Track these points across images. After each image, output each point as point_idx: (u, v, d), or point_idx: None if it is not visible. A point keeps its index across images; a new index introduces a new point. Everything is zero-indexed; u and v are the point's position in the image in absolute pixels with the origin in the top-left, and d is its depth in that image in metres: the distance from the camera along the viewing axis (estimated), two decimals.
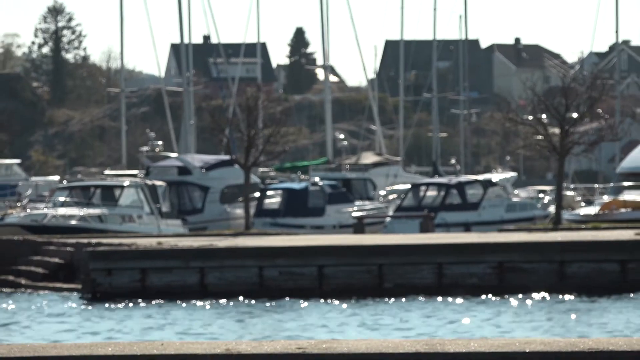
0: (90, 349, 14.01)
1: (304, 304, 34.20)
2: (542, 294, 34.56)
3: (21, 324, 32.18)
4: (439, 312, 32.00)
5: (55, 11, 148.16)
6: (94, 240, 42.98)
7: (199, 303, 34.88)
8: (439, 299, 34.63)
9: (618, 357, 12.79)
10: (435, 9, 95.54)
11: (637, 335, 24.71)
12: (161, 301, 35.17)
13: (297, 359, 12.82)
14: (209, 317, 32.30)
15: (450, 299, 34.37)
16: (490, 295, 34.65)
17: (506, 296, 34.54)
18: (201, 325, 30.37)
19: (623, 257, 36.91)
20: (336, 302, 34.28)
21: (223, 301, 35.09)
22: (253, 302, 34.87)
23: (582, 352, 12.84)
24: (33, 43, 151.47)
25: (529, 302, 33.99)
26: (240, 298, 35.46)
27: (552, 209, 56.98)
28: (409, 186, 62.58)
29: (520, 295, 34.48)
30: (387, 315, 31.44)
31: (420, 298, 34.76)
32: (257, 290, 36.01)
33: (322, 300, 34.67)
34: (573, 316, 31.01)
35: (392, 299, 34.82)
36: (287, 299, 34.97)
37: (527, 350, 12.72)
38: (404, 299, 34.62)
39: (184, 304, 34.77)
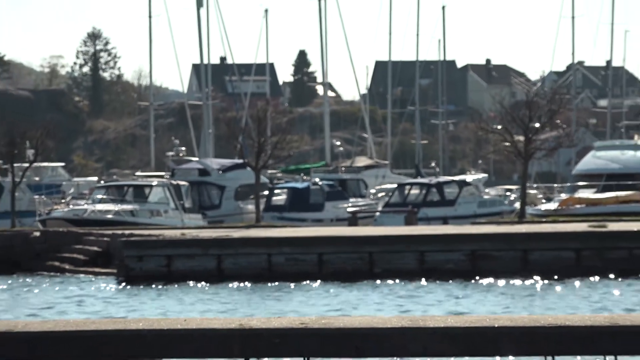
0: (124, 324, 14.09)
1: (306, 286, 34.19)
2: (509, 278, 34.56)
3: (65, 303, 32.17)
4: (420, 294, 31.97)
5: (93, 36, 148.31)
6: (127, 232, 43.07)
7: (216, 285, 34.88)
8: (421, 281, 34.58)
9: (573, 331, 12.89)
10: (417, 34, 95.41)
11: (589, 313, 24.77)
12: (184, 283, 35.15)
13: (300, 333, 12.92)
14: (225, 297, 32.29)
15: (430, 282, 34.35)
16: (464, 279, 34.66)
17: (478, 279, 34.56)
18: (218, 304, 30.36)
19: (577, 246, 36.96)
20: (333, 284, 34.25)
21: (237, 283, 35.10)
22: (262, 284, 34.86)
23: (542, 326, 12.93)
24: (75, 64, 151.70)
25: (497, 284, 33.99)
26: (252, 281, 35.44)
27: (517, 205, 56.89)
28: (395, 186, 62.45)
29: (490, 279, 34.51)
30: (377, 296, 31.41)
31: (405, 281, 34.73)
32: (266, 274, 36.10)
33: (321, 283, 34.62)
34: (535, 297, 31.06)
35: (381, 281, 34.80)
36: (292, 282, 34.97)
37: (496, 325, 12.84)
38: (390, 282, 34.63)
39: (203, 286, 34.75)
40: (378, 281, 34.77)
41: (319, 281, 34.92)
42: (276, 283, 34.87)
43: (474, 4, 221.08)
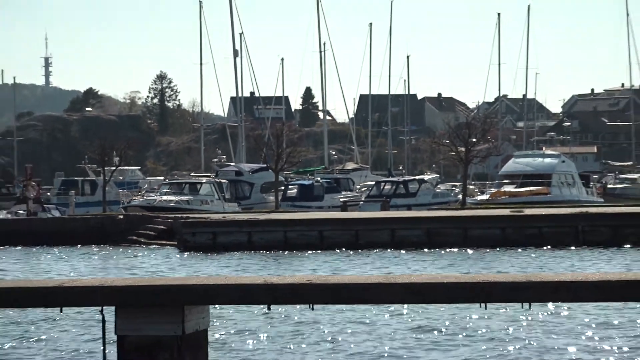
0: (182, 280, 14.09)
1: (311, 253, 34.12)
2: (454, 248, 34.47)
3: (142, 265, 32.16)
4: (392, 259, 31.90)
5: (161, 77, 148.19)
6: (184, 215, 42.98)
7: (247, 253, 34.83)
8: (392, 251, 34.47)
9: (499, 285, 12.83)
10: (389, 76, 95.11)
11: (512, 272, 24.72)
12: (224, 252, 35.08)
13: (306, 287, 12.89)
14: (253, 261, 32.22)
15: (399, 251, 34.25)
16: (422, 249, 34.53)
17: (432, 249, 34.44)
18: (249, 266, 30.32)
19: (503, 225, 36.87)
20: (330, 252, 34.17)
21: (262, 252, 35.05)
22: (280, 252, 34.81)
23: (478, 282, 12.90)
24: (148, 96, 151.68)
25: (446, 252, 33.88)
26: (272, 250, 35.37)
27: (460, 196, 56.81)
28: (373, 183, 62.33)
29: (441, 249, 34.39)
30: (361, 261, 31.31)
31: (380, 250, 34.64)
32: (282, 246, 35.97)
33: (322, 251, 34.53)
34: (472, 261, 30.99)
35: (363, 250, 34.69)
36: (301, 251, 34.89)
37: (445, 281, 12.81)
38: (370, 251, 34.54)
39: (238, 254, 34.68)
40: (361, 250, 34.68)
41: (320, 250, 34.84)
42: (290, 252, 34.80)
43: (430, 53, 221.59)
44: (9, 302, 13.70)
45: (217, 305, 13.58)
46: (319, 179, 64.33)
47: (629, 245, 33.93)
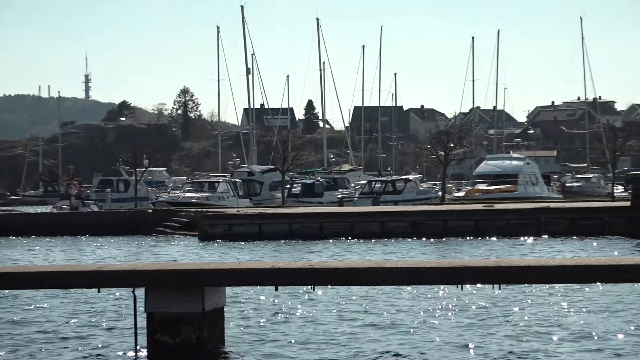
0: (202, 265, 14.04)
1: (312, 242, 34.09)
2: (435, 238, 34.40)
3: (168, 253, 32.10)
4: (381, 247, 31.85)
5: (184, 92, 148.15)
6: (204, 210, 42.97)
7: (257, 242, 34.78)
8: (381, 240, 34.42)
9: (474, 269, 12.79)
10: (379, 90, 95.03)
11: (484, 258, 24.64)
12: (238, 241, 35.05)
13: (308, 271, 12.85)
14: (262, 249, 32.18)
15: (387, 240, 34.21)
16: (408, 238, 34.51)
17: (416, 238, 34.42)
18: (259, 253, 30.28)
19: (476, 218, 36.86)
20: (329, 241, 34.13)
21: (271, 241, 35.00)
22: (286, 241, 34.75)
23: (456, 266, 12.85)
24: (173, 108, 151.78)
25: (428, 241, 33.83)
26: (279, 240, 35.30)
27: (439, 193, 56.78)
28: (366, 182, 62.32)
29: (423, 238, 34.36)
30: (359, 250, 31.26)
31: (372, 239, 34.59)
32: (288, 235, 35.90)
33: (322, 241, 34.50)
34: (450, 248, 30.94)
35: (357, 240, 34.64)
36: (304, 240, 34.85)
37: (427, 266, 12.76)
38: (363, 240, 34.50)
39: (250, 243, 34.68)
40: (355, 239, 34.65)
41: (320, 239, 34.80)
42: (294, 241, 34.75)
43: (414, 70, 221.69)
44: (56, 283, 13.74)
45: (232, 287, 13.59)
46: (319, 178, 64.26)
47: (583, 235, 33.96)
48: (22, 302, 17.48)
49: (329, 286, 15.71)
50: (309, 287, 13.57)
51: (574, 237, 33.57)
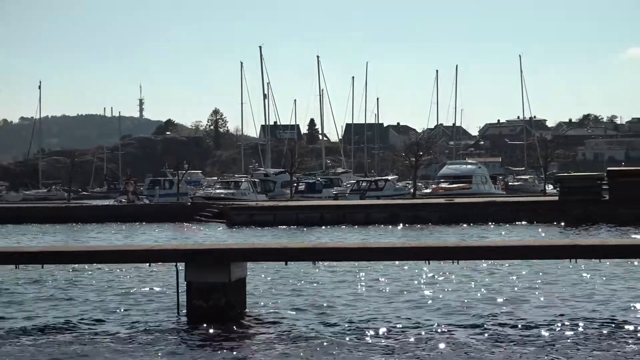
0: (229, 245, 13.90)
1: (315, 228, 34.05)
2: (409, 224, 34.34)
3: (203, 235, 32.03)
4: (368, 232, 31.82)
5: (215, 112, 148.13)
6: (231, 202, 42.95)
7: (273, 227, 34.72)
8: (367, 226, 34.38)
9: (441, 248, 12.69)
10: (365, 110, 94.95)
11: (449, 240, 24.59)
12: (257, 227, 34.98)
13: (311, 250, 12.76)
14: (277, 233, 32.10)
15: (373, 227, 34.16)
16: (388, 225, 34.45)
17: (393, 226, 34.36)
18: (274, 237, 30.19)
19: (440, 209, 36.94)
20: (328, 228, 34.08)
21: (282, 227, 34.95)
22: (294, 227, 34.72)
23: (426, 246, 12.75)
24: (207, 124, 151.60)
25: (405, 228, 33.77)
26: (289, 226, 35.27)
27: (412, 190, 56.66)
28: (355, 181, 62.13)
29: (399, 226, 34.32)
30: (350, 234, 31.22)
31: (359, 226, 34.54)
32: (295, 222, 35.85)
33: (322, 227, 34.44)
34: (422, 233, 30.88)
35: (348, 226, 34.60)
36: (308, 227, 34.79)
37: (405, 246, 12.65)
38: (353, 226, 34.45)
39: (266, 228, 34.59)
40: (346, 226, 34.60)
41: (320, 226, 34.77)
42: (300, 227, 34.69)
43: (393, 95, 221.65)
44: (116, 260, 13.72)
45: (252, 262, 13.56)
46: (319, 178, 64.12)
47: (523, 222, 33.95)
48: (93, 273, 17.45)
49: (327, 262, 15.69)
50: (312, 262, 13.56)
51: (515, 224, 33.56)
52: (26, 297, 14.50)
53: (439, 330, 10.72)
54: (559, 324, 10.97)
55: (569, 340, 9.99)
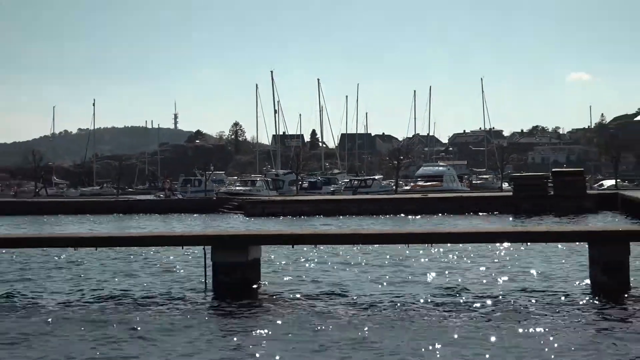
0: (247, 232, 13.85)
1: (317, 217, 33.97)
2: (391, 215, 34.33)
3: (225, 224, 31.94)
4: (358, 221, 31.72)
5: (235, 124, 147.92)
6: (248, 197, 42.88)
7: (283, 218, 34.66)
8: (359, 216, 34.31)
9: (415, 235, 12.65)
10: (357, 123, 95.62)
11: (424, 228, 24.53)
12: (269, 217, 34.92)
13: (313, 236, 12.73)
14: (285, 222, 32.02)
15: (363, 217, 34.10)
16: (375, 215, 34.40)
17: (380, 216, 34.32)
18: (284, 225, 30.11)
19: (417, 203, 36.94)
20: (327, 217, 34.00)
21: (289, 217, 34.87)
22: (300, 217, 34.63)
23: (402, 233, 12.69)
24: (228, 134, 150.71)
25: (388, 218, 33.70)
26: (295, 216, 35.18)
27: (394, 187, 56.59)
28: (348, 180, 61.96)
29: (385, 216, 34.26)
30: (345, 222, 31.15)
31: (353, 216, 34.49)
32: (300, 214, 35.81)
33: (322, 217, 34.37)
34: (401, 223, 30.83)
35: (344, 216, 34.54)
36: (311, 216, 34.72)
37: (388, 233, 12.61)
38: (348, 216, 34.39)
39: (276, 218, 34.52)
40: (342, 216, 34.54)
41: (321, 215, 34.72)
42: (304, 217, 34.66)
43: (379, 109, 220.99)
44: (155, 244, 13.72)
45: (265, 246, 13.57)
46: (319, 178, 64.02)
47: (485, 213, 33.97)
48: (137, 255, 17.46)
49: (325, 245, 15.68)
50: (313, 245, 13.55)
51: (478, 215, 33.55)
52: (86, 271, 14.60)
53: (417, 302, 10.70)
54: (495, 292, 10.98)
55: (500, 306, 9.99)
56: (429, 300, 10.64)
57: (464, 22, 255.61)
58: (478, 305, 10.25)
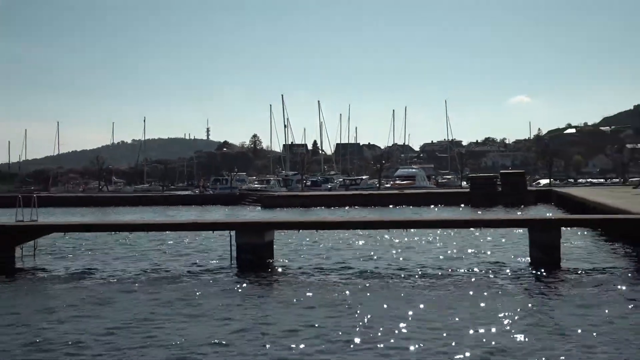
0: (263, 220, 13.72)
1: (320, 209, 33.67)
2: (375, 206, 34.10)
3: (247, 214, 31.69)
4: (350, 211, 31.46)
5: (254, 136, 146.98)
6: (264, 193, 42.58)
7: (292, 208, 34.38)
8: (351, 207, 34.01)
9: (395, 222, 12.49)
10: (348, 135, 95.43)
11: (403, 216, 24.41)
12: (281, 208, 34.58)
13: (315, 223, 12.61)
14: (292, 212, 31.76)
15: (352, 208, 33.81)
16: (363, 207, 34.13)
17: (366, 207, 34.09)
18: (295, 214, 29.89)
19: (396, 196, 36.74)
20: (328, 208, 33.77)
21: (296, 208, 34.61)
22: (306, 208, 34.34)
23: (384, 220, 12.58)
24: (249, 144, 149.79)
25: (372, 208, 33.42)
26: (303, 208, 34.89)
27: (378, 185, 56.32)
28: (342, 179, 61.58)
29: (370, 207, 34.01)
30: (340, 212, 30.86)
31: (347, 206, 34.23)
32: (304, 205, 35.54)
33: (323, 208, 34.07)
34: (383, 212, 30.58)
35: (340, 207, 34.32)
36: (314, 207, 34.44)
37: (374, 220, 12.47)
38: (341, 207, 34.15)
39: (286, 209, 34.23)
40: (338, 207, 34.27)
41: (322, 207, 34.41)
42: (307, 208, 34.31)
43: (366, 124, 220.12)
44: (191, 229, 13.60)
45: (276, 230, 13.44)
46: (319, 178, 63.66)
47: (448, 205, 33.81)
48: (178, 237, 17.37)
49: (324, 230, 15.57)
50: (315, 230, 13.47)
51: (442, 207, 33.41)
52: (141, 250, 14.50)
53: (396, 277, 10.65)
54: (446, 266, 10.94)
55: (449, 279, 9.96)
56: (406, 274, 10.60)
57: (436, 53, 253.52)
58: (445, 276, 10.24)
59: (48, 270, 11.76)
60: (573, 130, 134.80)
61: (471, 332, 6.66)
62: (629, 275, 9.99)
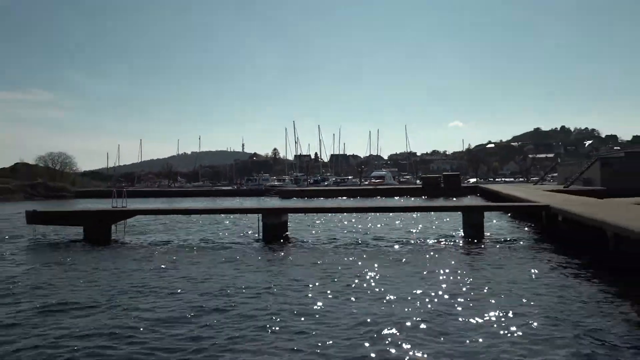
0: (280, 205, 13.60)
1: (321, 200, 33.13)
2: (365, 198, 33.70)
3: (269, 203, 30.92)
4: (340, 201, 30.94)
5: (274, 149, 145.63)
6: (282, 188, 42.00)
7: (299, 198, 33.77)
8: (341, 199, 33.59)
9: (374, 209, 12.36)
10: (338, 149, 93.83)
11: (389, 205, 23.98)
12: (292, 198, 33.78)
13: (318, 209, 12.38)
14: (301, 201, 31.26)
15: (342, 199, 33.32)
16: (355, 198, 33.71)
17: (351, 198, 33.57)
18: (299, 203, 29.44)
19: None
20: (324, 199, 33.27)
21: (303, 199, 34.11)
22: (309, 198, 33.84)
23: (371, 207, 12.42)
24: (270, 154, 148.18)
25: (356, 199, 32.96)
26: (308, 197, 34.39)
27: (359, 183, 55.66)
28: (334, 179, 61.05)
29: (355, 198, 33.56)
30: (333, 202, 30.46)
31: (344, 197, 33.82)
32: (309, 196, 35.18)
33: (323, 199, 33.67)
34: (372, 201, 30.28)
35: (336, 197, 33.91)
36: (317, 197, 33.98)
37: (358, 207, 12.35)
38: (337, 198, 33.70)
39: (296, 199, 33.59)
40: (334, 198, 33.70)
41: (322, 197, 33.86)
42: (312, 198, 33.69)
43: (351, 139, 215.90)
44: (230, 212, 13.40)
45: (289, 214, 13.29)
46: (319, 177, 63.18)
47: (407, 197, 33.64)
48: (220, 218, 17.27)
49: (323, 214, 15.44)
50: (317, 214, 13.38)
51: (402, 198, 33.13)
52: (195, 229, 14.36)
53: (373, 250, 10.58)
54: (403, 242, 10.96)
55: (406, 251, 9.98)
56: (382, 244, 10.61)
57: (398, 91, 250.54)
58: (407, 244, 10.29)
59: (134, 241, 11.84)
60: (492, 145, 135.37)
61: (421, 279, 7.01)
62: (529, 243, 10.31)
